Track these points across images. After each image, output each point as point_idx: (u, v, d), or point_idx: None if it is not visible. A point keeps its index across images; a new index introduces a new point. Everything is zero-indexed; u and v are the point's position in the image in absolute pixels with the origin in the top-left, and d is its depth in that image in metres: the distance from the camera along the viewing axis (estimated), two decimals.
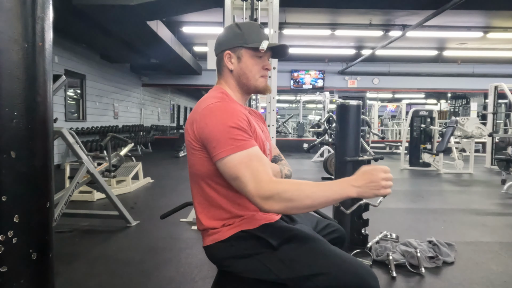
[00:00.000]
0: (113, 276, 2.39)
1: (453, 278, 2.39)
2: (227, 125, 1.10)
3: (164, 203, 4.39)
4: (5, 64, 0.90)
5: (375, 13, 8.35)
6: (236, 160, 1.08)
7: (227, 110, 1.15)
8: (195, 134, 1.16)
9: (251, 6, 3.49)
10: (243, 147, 1.09)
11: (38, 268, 0.99)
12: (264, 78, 1.29)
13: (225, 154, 1.09)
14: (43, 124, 1.00)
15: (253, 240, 1.17)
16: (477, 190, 5.76)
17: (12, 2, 0.91)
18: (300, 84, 13.18)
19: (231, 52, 1.26)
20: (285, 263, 1.13)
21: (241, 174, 1.07)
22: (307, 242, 1.17)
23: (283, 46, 1.30)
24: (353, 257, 1.19)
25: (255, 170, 1.08)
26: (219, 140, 1.10)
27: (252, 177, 1.07)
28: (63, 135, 3.01)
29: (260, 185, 1.06)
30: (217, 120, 1.12)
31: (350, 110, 2.78)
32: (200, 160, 1.18)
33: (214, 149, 1.11)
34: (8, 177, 0.91)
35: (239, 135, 1.10)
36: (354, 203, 2.69)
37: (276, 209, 1.06)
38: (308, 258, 1.13)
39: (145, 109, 13.66)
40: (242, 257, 1.18)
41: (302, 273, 1.11)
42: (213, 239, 1.21)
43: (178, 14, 7.87)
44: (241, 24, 1.29)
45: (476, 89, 13.70)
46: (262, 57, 1.27)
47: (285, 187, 1.06)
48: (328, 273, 1.10)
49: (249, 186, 1.06)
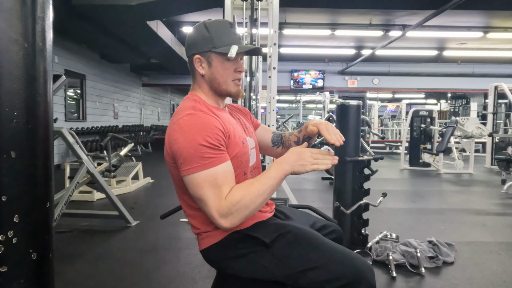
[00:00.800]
0: (113, 276, 2.39)
1: (453, 278, 2.39)
2: (195, 142, 1.07)
3: (164, 203, 4.39)
4: (5, 64, 0.90)
5: (375, 13, 8.34)
6: (200, 178, 1.07)
7: (195, 125, 1.10)
8: (167, 149, 1.15)
9: (251, 6, 3.49)
10: (208, 166, 1.07)
11: (38, 268, 0.99)
12: (235, 82, 1.25)
13: (190, 172, 1.08)
14: (43, 124, 1.00)
15: (246, 239, 1.18)
16: (477, 190, 5.76)
17: (12, 2, 0.91)
18: (300, 84, 13.18)
19: (201, 57, 1.21)
20: (279, 260, 1.13)
21: (204, 192, 1.07)
22: (300, 237, 1.16)
23: (253, 49, 1.26)
24: (348, 250, 1.17)
25: (218, 189, 1.07)
26: (186, 157, 1.08)
27: (213, 195, 1.07)
28: (63, 135, 3.01)
29: (220, 203, 1.07)
30: (185, 136, 1.09)
31: (350, 110, 2.78)
32: (173, 169, 1.18)
33: (181, 165, 1.10)
34: (8, 177, 0.91)
35: (206, 153, 1.07)
36: (354, 203, 2.69)
37: (234, 223, 1.07)
38: (301, 253, 1.13)
39: (145, 109, 13.67)
40: (237, 257, 1.18)
41: (296, 269, 1.11)
42: (208, 242, 1.21)
43: (178, 14, 7.86)
44: (210, 25, 1.21)
45: (476, 89, 13.70)
46: (233, 60, 1.22)
47: (236, 197, 1.07)
48: (320, 266, 1.09)
49: (210, 204, 1.07)
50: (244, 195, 1.08)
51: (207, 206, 1.08)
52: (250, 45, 1.26)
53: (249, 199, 1.07)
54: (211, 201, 1.07)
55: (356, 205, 2.66)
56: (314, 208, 1.78)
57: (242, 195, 1.08)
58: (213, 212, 1.07)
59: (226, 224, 1.07)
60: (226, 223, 1.07)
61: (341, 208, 2.68)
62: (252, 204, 1.08)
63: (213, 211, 1.07)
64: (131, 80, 12.29)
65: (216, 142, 1.09)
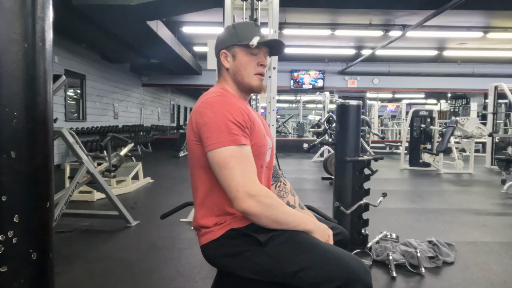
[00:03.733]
0: (113, 276, 2.39)
1: (453, 278, 2.39)
2: (224, 118, 1.12)
3: (164, 203, 4.39)
4: (5, 64, 0.90)
5: (375, 13, 8.34)
6: (227, 153, 1.10)
7: (225, 103, 1.17)
8: (193, 126, 1.18)
9: (251, 6, 3.49)
10: (236, 142, 1.11)
11: (38, 268, 0.99)
12: (258, 76, 1.29)
13: (217, 146, 1.10)
14: (43, 124, 1.00)
15: (243, 237, 1.18)
16: (477, 190, 5.76)
17: (12, 2, 0.91)
18: (300, 84, 13.17)
19: (227, 51, 1.28)
20: (273, 259, 1.13)
21: (231, 166, 1.09)
22: (293, 237, 1.16)
23: (275, 42, 1.29)
24: (343, 251, 1.16)
25: (245, 168, 1.10)
26: (213, 131, 1.11)
27: (241, 172, 1.09)
28: (63, 135, 3.01)
29: (248, 182, 1.08)
30: (214, 112, 1.14)
31: (350, 110, 2.78)
32: (200, 151, 1.19)
33: (207, 140, 1.12)
34: (8, 177, 0.91)
35: (234, 129, 1.12)
36: (354, 203, 2.69)
37: (253, 210, 1.08)
38: (293, 253, 1.12)
39: (145, 109, 13.66)
40: (233, 255, 1.18)
41: (288, 269, 1.11)
42: (207, 239, 1.22)
43: (178, 14, 7.86)
44: (236, 24, 1.32)
45: (476, 89, 13.70)
46: (257, 54, 1.28)
47: (270, 193, 1.11)
48: (312, 268, 1.09)
49: (237, 180, 1.08)
50: (276, 200, 1.13)
51: (234, 181, 1.08)
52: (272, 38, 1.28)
53: (276, 205, 1.12)
54: (239, 176, 1.08)
55: (356, 205, 2.66)
56: (314, 208, 1.77)
57: (275, 198, 1.13)
58: (240, 188, 1.07)
59: (247, 204, 1.08)
60: (246, 202, 1.08)
61: (341, 208, 2.68)
62: (274, 211, 1.11)
63: (240, 187, 1.07)
64: (131, 80, 12.29)
65: (243, 122, 1.14)
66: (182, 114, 19.60)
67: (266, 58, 1.32)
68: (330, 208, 2.99)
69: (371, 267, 2.52)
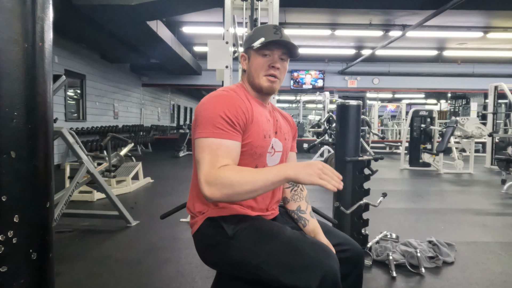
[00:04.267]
0: (113, 276, 2.39)
1: (453, 278, 2.39)
2: (214, 111, 1.16)
3: (164, 203, 4.39)
4: (5, 64, 0.90)
5: (375, 13, 8.34)
6: (205, 143, 1.13)
7: (223, 98, 1.20)
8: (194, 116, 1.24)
9: (251, 6, 3.49)
10: (217, 135, 1.13)
11: (38, 268, 0.99)
12: (268, 77, 1.29)
13: (200, 135, 1.14)
14: (43, 124, 1.00)
15: (217, 229, 1.20)
16: (477, 190, 5.76)
17: (12, 2, 0.91)
18: (300, 84, 13.17)
19: (245, 54, 1.35)
20: (240, 252, 1.14)
21: (203, 156, 1.11)
22: (258, 230, 1.16)
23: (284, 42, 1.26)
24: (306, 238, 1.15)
25: (215, 157, 1.10)
26: (202, 121, 1.16)
27: (209, 162, 1.10)
28: (63, 135, 3.01)
29: (209, 171, 1.08)
30: (209, 103, 1.19)
31: (350, 110, 2.77)
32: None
33: (196, 128, 1.17)
34: (8, 177, 0.91)
35: (220, 123, 1.14)
36: (354, 203, 2.69)
37: (217, 196, 1.06)
38: (256, 245, 1.13)
39: (145, 109, 13.66)
40: (209, 246, 1.21)
41: (253, 261, 1.11)
42: (193, 230, 1.27)
43: (178, 14, 7.86)
44: (256, 28, 1.36)
45: (476, 89, 13.70)
46: (269, 56, 1.28)
47: (227, 173, 1.07)
48: (272, 258, 1.08)
49: (201, 170, 1.10)
50: (235, 173, 1.07)
51: (200, 170, 1.11)
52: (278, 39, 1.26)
53: (237, 180, 1.05)
54: (204, 165, 1.10)
55: (356, 205, 2.66)
56: (314, 208, 1.77)
57: (232, 173, 1.07)
58: (201, 176, 1.09)
59: (207, 191, 1.07)
60: (208, 191, 1.07)
61: (341, 208, 2.68)
62: (238, 187, 1.05)
63: (201, 175, 1.09)
64: (131, 80, 12.29)
65: (233, 118, 1.16)
66: (182, 114, 19.59)
67: (282, 60, 1.29)
68: (330, 208, 2.99)
69: (371, 267, 2.52)
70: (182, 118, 19.29)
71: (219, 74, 3.54)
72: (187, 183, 1.38)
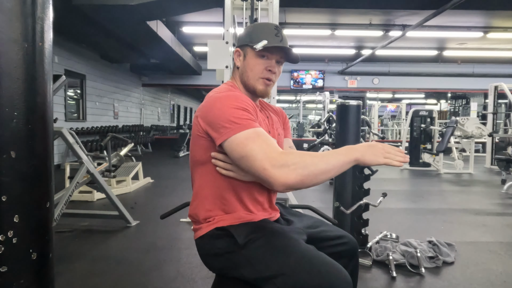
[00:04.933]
0: (113, 276, 2.38)
1: (453, 278, 2.39)
2: (232, 107, 1.11)
3: (164, 203, 4.39)
4: (5, 64, 0.90)
5: (375, 13, 8.34)
6: (242, 137, 1.06)
7: (232, 96, 1.17)
8: (199, 121, 1.17)
9: (251, 6, 3.48)
10: (249, 126, 1.08)
11: (38, 268, 0.99)
12: (264, 80, 1.26)
13: (231, 134, 1.07)
14: (43, 124, 1.00)
15: (225, 238, 1.16)
16: (477, 190, 5.76)
17: (12, 2, 0.91)
18: (300, 84, 13.17)
19: (240, 50, 1.29)
20: (250, 262, 1.09)
21: (249, 149, 1.04)
22: (272, 241, 1.11)
23: (285, 48, 1.24)
24: (323, 258, 1.07)
25: (264, 144, 1.04)
26: (224, 121, 1.09)
27: (261, 150, 1.03)
28: (63, 135, 3.01)
29: (272, 156, 1.02)
30: (222, 104, 1.13)
31: (350, 110, 2.77)
32: (202, 146, 1.19)
33: (219, 130, 1.10)
34: (8, 177, 0.91)
35: (244, 115, 1.10)
36: (354, 203, 2.69)
37: (292, 178, 1.00)
38: (270, 257, 1.07)
39: (145, 109, 13.66)
40: (215, 255, 1.18)
41: (264, 274, 1.06)
42: (197, 235, 1.24)
43: (178, 14, 7.86)
44: (256, 24, 1.32)
45: (476, 89, 13.70)
46: (267, 58, 1.25)
47: (295, 153, 1.04)
48: (287, 274, 1.02)
49: (259, 160, 1.02)
50: (303, 154, 1.03)
51: (256, 161, 1.02)
52: (280, 44, 1.24)
53: (310, 159, 1.01)
54: (259, 153, 1.02)
55: (356, 205, 2.66)
56: (314, 208, 1.77)
57: (301, 154, 1.03)
58: (264, 163, 1.01)
59: (279, 176, 1.00)
60: (279, 174, 1.00)
61: (341, 208, 2.68)
62: (313, 166, 1.00)
63: (264, 162, 1.01)
64: (131, 80, 12.29)
65: (251, 110, 1.14)
66: (182, 114, 19.59)
67: (278, 64, 1.28)
68: (330, 208, 2.99)
69: (371, 267, 2.52)
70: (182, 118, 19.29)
71: (219, 74, 3.54)
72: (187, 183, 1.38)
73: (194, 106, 21.80)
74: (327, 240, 1.27)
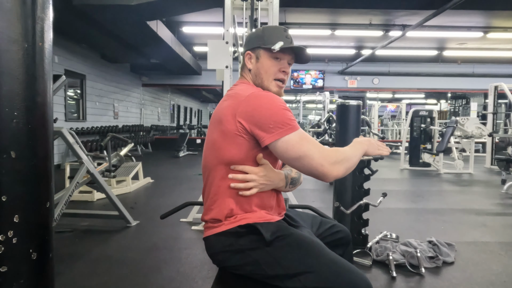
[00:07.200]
0: (113, 276, 2.39)
1: (453, 278, 2.39)
2: (280, 107, 1.16)
3: (164, 203, 4.39)
4: (5, 64, 0.90)
5: (375, 13, 8.34)
6: (297, 137, 1.14)
7: (275, 96, 1.21)
8: (238, 120, 1.15)
9: (251, 6, 3.48)
10: (297, 127, 1.16)
11: (38, 268, 0.99)
12: (277, 82, 1.29)
13: (283, 134, 1.13)
14: (43, 124, 1.00)
15: (249, 235, 1.18)
16: (477, 190, 5.76)
17: (12, 2, 0.91)
18: (300, 84, 13.17)
19: (251, 52, 1.31)
20: (275, 259, 1.13)
21: (306, 148, 1.14)
22: (301, 241, 1.17)
23: (298, 49, 1.28)
24: (348, 263, 1.16)
25: (316, 144, 1.16)
26: (276, 120, 1.14)
27: (316, 150, 1.15)
28: (63, 135, 3.01)
29: (326, 154, 1.15)
30: (268, 103, 1.17)
31: (350, 110, 2.78)
32: (239, 145, 1.18)
33: (269, 130, 1.13)
34: (8, 177, 0.91)
35: (292, 116, 1.18)
36: (354, 203, 2.69)
37: (341, 171, 1.18)
38: (299, 256, 1.13)
39: (145, 109, 13.66)
40: (236, 252, 1.18)
41: (290, 271, 1.11)
42: (214, 231, 1.23)
43: (178, 14, 7.87)
44: (266, 27, 1.35)
45: (476, 89, 13.69)
46: (280, 60, 1.28)
47: (339, 151, 1.21)
48: (314, 273, 1.09)
49: (316, 158, 1.13)
50: (342, 150, 1.21)
51: (313, 160, 1.13)
52: (291, 45, 1.28)
53: (348, 155, 1.21)
54: (316, 153, 1.14)
55: (356, 205, 2.66)
56: (314, 208, 1.78)
57: (342, 150, 1.21)
58: (323, 161, 1.14)
59: (334, 170, 1.15)
60: (334, 169, 1.15)
61: (341, 208, 2.68)
62: (350, 161, 1.21)
63: (322, 161, 1.14)
64: (131, 80, 12.29)
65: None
66: (182, 114, 19.59)
67: (289, 65, 1.31)
68: (330, 208, 2.99)
69: (371, 267, 2.52)
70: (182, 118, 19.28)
71: (219, 74, 3.54)
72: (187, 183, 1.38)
73: (194, 106, 21.79)
74: (325, 230, 1.40)
